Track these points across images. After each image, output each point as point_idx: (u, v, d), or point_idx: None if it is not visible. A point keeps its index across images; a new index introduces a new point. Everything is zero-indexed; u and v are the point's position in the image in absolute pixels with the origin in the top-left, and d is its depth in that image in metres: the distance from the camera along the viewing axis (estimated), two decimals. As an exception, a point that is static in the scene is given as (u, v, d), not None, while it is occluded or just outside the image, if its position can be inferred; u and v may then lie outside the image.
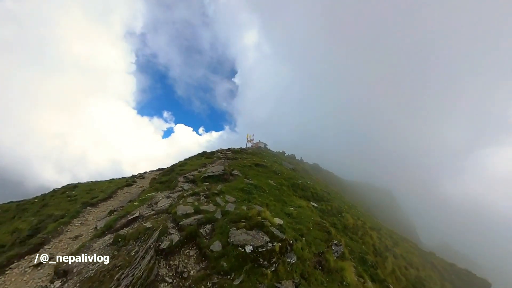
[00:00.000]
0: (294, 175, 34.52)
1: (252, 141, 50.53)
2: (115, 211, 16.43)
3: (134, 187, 24.83)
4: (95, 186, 31.30)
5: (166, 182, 17.75)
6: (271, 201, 17.46)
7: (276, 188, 22.63)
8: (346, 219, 29.68)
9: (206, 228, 9.74)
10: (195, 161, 28.74)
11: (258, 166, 29.13)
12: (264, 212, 12.02)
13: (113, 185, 28.79)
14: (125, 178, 32.60)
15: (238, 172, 22.18)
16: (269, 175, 26.91)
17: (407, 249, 40.03)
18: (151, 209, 12.30)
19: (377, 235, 34.22)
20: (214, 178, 17.33)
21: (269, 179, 25.14)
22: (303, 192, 29.80)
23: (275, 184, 23.89)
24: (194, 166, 24.34)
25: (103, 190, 28.09)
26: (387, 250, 28.99)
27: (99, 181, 35.30)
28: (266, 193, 19.20)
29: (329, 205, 31.80)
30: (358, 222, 33.26)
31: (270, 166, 31.21)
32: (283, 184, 25.47)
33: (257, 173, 25.55)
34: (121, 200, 20.07)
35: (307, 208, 22.61)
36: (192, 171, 21.09)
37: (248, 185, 18.09)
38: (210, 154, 32.71)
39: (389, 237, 39.50)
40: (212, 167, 20.62)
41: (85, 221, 15.98)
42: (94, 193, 27.73)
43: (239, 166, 26.00)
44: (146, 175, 31.87)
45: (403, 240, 47.51)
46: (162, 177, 20.00)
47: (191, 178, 17.63)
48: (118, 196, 22.02)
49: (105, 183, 32.71)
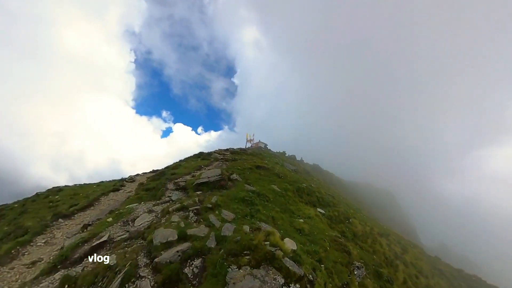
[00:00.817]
0: (297, 178, 31.57)
1: (252, 141, 47.54)
2: (89, 226, 13.34)
3: (121, 193, 21.69)
4: (81, 190, 28.07)
5: (153, 189, 14.69)
6: (278, 212, 14.48)
7: (280, 195, 19.64)
8: (355, 226, 27.33)
9: (193, 266, 6.69)
10: (190, 163, 25.65)
11: (260, 169, 26.11)
12: (273, 235, 8.99)
13: (100, 190, 25.63)
14: (114, 181, 29.43)
15: (237, 177, 19.14)
16: (272, 179, 23.90)
17: (416, 256, 37.47)
18: (125, 230, 9.24)
19: (386, 241, 32.04)
20: (209, 185, 14.26)
21: (272, 184, 22.14)
22: (309, 197, 26.95)
23: (280, 189, 20.91)
24: (188, 169, 21.27)
25: (88, 195, 24.92)
26: (397, 258, 27.10)
27: (88, 184, 32.08)
28: (271, 202, 16.21)
29: (335, 210, 29.32)
30: (366, 228, 31.00)
31: (272, 169, 28.21)
32: (288, 189, 22.49)
33: (259, 177, 22.52)
34: (102, 210, 16.94)
35: (316, 217, 19.70)
36: (184, 175, 18.04)
37: (249, 193, 15.05)
38: (207, 155, 29.63)
39: (398, 242, 36.94)
40: (208, 171, 17.57)
41: (52, 238, 12.85)
42: (78, 199, 24.55)
43: (238, 169, 22.96)
44: (138, 178, 28.72)
45: (410, 245, 44.76)
46: (150, 183, 16.92)
47: (182, 184, 14.58)
48: (100, 203, 18.88)
49: (92, 186, 29.51)
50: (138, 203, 12.77)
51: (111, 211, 15.02)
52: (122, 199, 19.14)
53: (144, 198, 13.42)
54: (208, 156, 30.10)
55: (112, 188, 22.63)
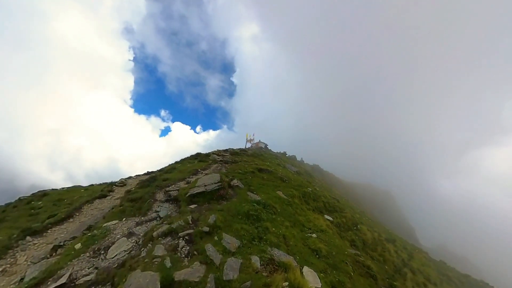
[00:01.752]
0: (301, 181, 29.19)
1: (252, 141, 44.95)
2: (59, 248, 10.78)
3: (108, 200, 19.09)
4: (67, 195, 25.40)
5: (139, 200, 12.13)
6: (288, 228, 12.05)
7: (287, 203, 17.20)
8: (363, 233, 25.55)
9: None
10: (186, 166, 23.07)
11: (262, 172, 23.65)
12: (292, 271, 6.57)
13: (87, 195, 23.01)
14: (104, 184, 26.75)
15: (238, 183, 16.64)
16: (276, 184, 21.45)
17: (422, 262, 35.60)
18: (93, 266, 6.70)
19: (393, 248, 30.38)
20: (206, 195, 11.71)
21: (277, 189, 19.71)
22: (315, 202, 24.66)
23: (286, 196, 18.49)
24: (183, 173, 18.71)
25: (72, 201, 22.31)
26: (404, 265, 25.73)
27: (76, 187, 29.36)
28: (278, 213, 13.77)
29: (343, 216, 27.26)
30: (374, 234, 29.22)
31: (275, 171, 25.76)
32: (294, 196, 20.09)
33: (262, 182, 20.04)
34: (80, 223, 14.34)
35: (328, 228, 17.37)
36: (178, 181, 15.50)
37: (254, 204, 12.56)
38: (205, 157, 27.08)
39: (404, 248, 35.03)
40: (205, 176, 15.05)
41: (12, 265, 10.23)
42: (60, 206, 21.91)
43: (239, 173, 20.47)
44: (129, 181, 26.08)
45: (415, 250, 42.86)
46: (137, 191, 14.34)
47: (173, 194, 12.04)
48: (82, 214, 16.27)
49: (80, 190, 26.85)
50: (119, 220, 10.22)
51: (89, 226, 12.45)
52: (106, 208, 16.57)
53: (128, 212, 10.88)
54: (206, 157, 27.54)
55: (99, 194, 20.01)
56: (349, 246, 17.03)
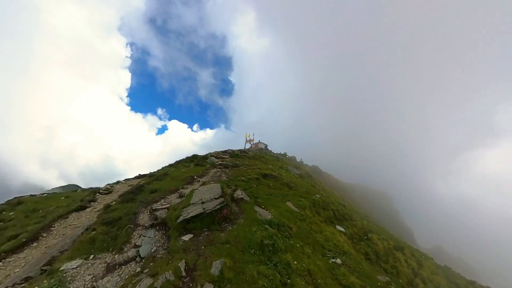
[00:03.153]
0: (307, 186, 26.57)
1: (251, 142, 41.98)
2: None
3: (86, 213, 15.92)
4: (44, 205, 21.94)
5: (117, 223, 9.15)
6: (310, 256, 9.28)
7: (300, 217, 14.46)
8: (375, 244, 23.59)
9: None
10: (180, 171, 20.03)
11: (267, 178, 20.86)
12: None
13: (65, 205, 19.78)
14: (87, 191, 23.44)
15: (243, 194, 13.78)
16: (283, 192, 18.69)
17: (431, 269, 33.54)
18: None
19: (403, 257, 28.27)
20: (205, 219, 8.75)
21: (285, 199, 16.98)
22: (325, 211, 22.18)
23: (297, 208, 15.78)
24: (176, 181, 15.71)
25: (47, 213, 19.00)
26: (415, 275, 24.14)
27: (56, 194, 25.92)
28: (295, 235, 11.01)
29: (353, 225, 25.09)
30: (384, 244, 27.09)
31: (280, 177, 23.00)
32: (305, 207, 17.41)
33: (269, 191, 17.23)
34: (47, 248, 11.24)
35: (347, 246, 14.80)
36: (169, 194, 12.54)
37: (266, 227, 9.74)
38: (202, 160, 24.04)
39: (412, 255, 32.91)
40: (203, 188, 12.10)
41: None
42: (32, 219, 18.51)
43: (242, 181, 17.61)
44: (117, 188, 22.90)
45: (422, 257, 40.77)
46: (117, 207, 11.29)
47: (161, 216, 9.12)
48: (51, 234, 13.11)
49: (59, 198, 23.43)
50: (85, 257, 7.25)
51: (51, 259, 9.39)
52: (82, 226, 13.46)
53: (99, 244, 7.92)
54: (204, 160, 24.52)
55: (77, 206, 16.83)
56: (378, 273, 14.46)
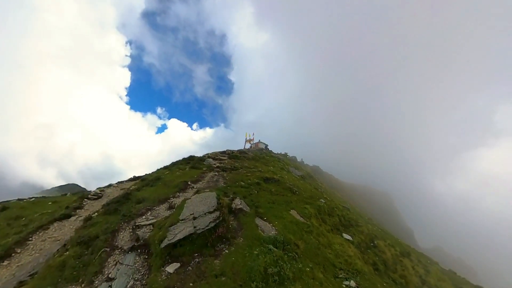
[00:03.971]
0: (311, 190, 25.07)
1: (251, 142, 40.35)
2: None
3: (70, 222, 14.39)
4: (28, 211, 20.34)
5: (93, 243, 7.63)
6: (322, 283, 7.82)
7: (307, 229, 12.97)
8: (383, 252, 22.71)
9: None
10: (174, 174, 18.47)
11: (269, 182, 19.34)
12: None
13: (52, 210, 18.29)
14: (76, 195, 21.89)
15: (242, 204, 12.27)
16: (286, 198, 17.18)
17: (438, 276, 32.49)
18: None
19: (410, 263, 27.31)
20: (196, 241, 7.16)
21: (290, 207, 15.48)
22: (331, 218, 20.77)
23: (302, 218, 14.30)
24: (168, 187, 14.17)
25: (31, 221, 17.49)
26: (423, 283, 23.66)
27: (44, 198, 24.34)
28: (303, 254, 9.54)
29: (359, 231, 23.92)
30: (391, 251, 26.07)
31: (282, 180, 21.47)
32: (310, 215, 15.92)
33: (271, 198, 15.71)
34: (18, 268, 9.74)
35: (360, 261, 13.34)
36: (157, 204, 11.02)
37: (270, 248, 8.26)
38: (199, 162, 22.47)
39: (418, 261, 31.81)
40: (196, 198, 10.56)
41: None
42: (15, 227, 17.00)
43: (242, 186, 16.08)
44: (108, 192, 21.37)
45: (428, 262, 39.60)
46: (97, 221, 9.78)
47: (144, 236, 7.58)
48: (26, 250, 11.60)
49: (46, 203, 21.87)
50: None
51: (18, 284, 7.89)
52: (64, 237, 11.96)
53: (68, 271, 6.44)
54: (200, 162, 22.94)
55: (61, 214, 15.30)
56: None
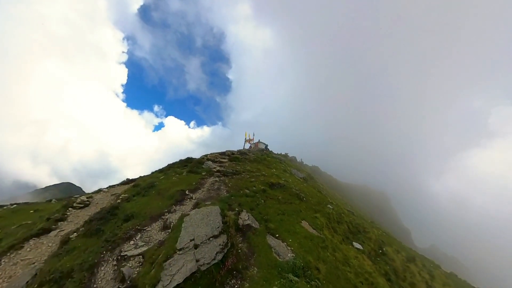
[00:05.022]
0: (316, 195, 23.51)
1: (251, 142, 38.61)
2: None
3: (50, 238, 12.44)
4: (7, 221, 18.13)
5: (64, 283, 5.80)
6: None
7: (322, 245, 11.43)
8: (392, 259, 22.30)
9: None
10: (170, 180, 16.60)
11: (274, 188, 17.69)
12: None
13: (31, 222, 16.18)
14: (60, 203, 19.75)
15: (250, 219, 10.56)
16: (295, 207, 15.57)
17: (443, 280, 31.80)
18: None
19: (416, 269, 26.44)
20: (200, 283, 5.32)
21: (300, 217, 13.91)
22: (340, 226, 19.36)
23: (316, 231, 12.73)
24: (162, 198, 12.33)
25: (4, 237, 15.34)
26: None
27: (26, 205, 22.11)
28: (325, 279, 7.95)
29: (367, 237, 22.78)
30: (399, 257, 25.16)
31: (287, 185, 19.82)
32: (322, 226, 14.38)
33: (280, 208, 14.06)
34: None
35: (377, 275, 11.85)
36: (148, 225, 9.22)
37: (289, 278, 6.63)
38: (197, 165, 20.58)
39: (423, 266, 30.84)
40: (196, 214, 8.83)
41: None
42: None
43: (247, 196, 14.36)
44: (97, 198, 19.34)
45: (431, 265, 38.76)
46: (75, 244, 7.95)
47: (131, 275, 5.79)
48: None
49: (27, 212, 19.68)
50: None
51: None
52: (38, 261, 10.02)
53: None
54: (199, 165, 21.07)
55: (41, 228, 13.31)
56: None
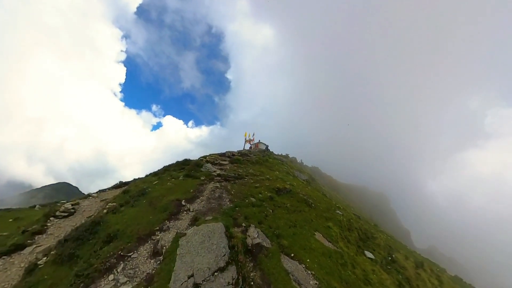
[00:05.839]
0: (323, 199, 21.92)
1: (251, 142, 37.01)
2: None
3: (23, 256, 10.61)
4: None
5: None
6: None
7: (341, 261, 9.90)
8: (403, 267, 19.61)
9: None
10: (165, 186, 14.83)
11: (281, 194, 16.09)
12: None
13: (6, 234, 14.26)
14: (42, 211, 17.77)
15: (260, 236, 8.92)
16: (306, 216, 14.00)
17: (451, 285, 30.70)
18: None
19: (425, 274, 25.31)
20: None
21: (313, 228, 12.41)
22: (351, 233, 17.95)
23: (331, 244, 11.18)
24: (153, 214, 10.54)
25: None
26: None
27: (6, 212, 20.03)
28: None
29: (376, 244, 21.80)
30: (410, 264, 23.92)
31: (293, 189, 18.25)
32: (337, 237, 12.88)
33: (291, 219, 12.47)
34: None
35: None
36: (134, 249, 7.52)
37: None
38: (195, 169, 18.79)
39: (431, 271, 29.55)
40: (194, 239, 7.20)
41: None
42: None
43: (253, 205, 12.71)
44: (84, 205, 17.48)
45: (437, 269, 37.64)
46: (41, 276, 6.20)
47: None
48: None
49: (6, 220, 17.68)
50: None
51: None
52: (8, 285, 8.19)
53: None
54: (197, 169, 19.27)
55: (13, 244, 11.51)
56: None
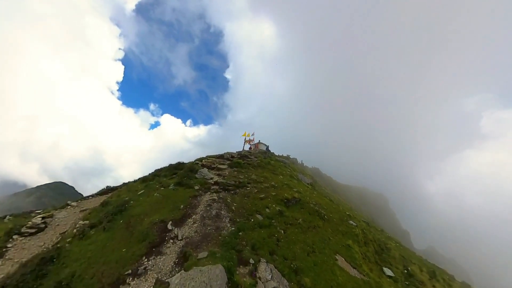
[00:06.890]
0: (332, 206, 19.79)
1: (251, 142, 34.89)
2: None
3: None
4: None
5: None
6: None
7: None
8: (420, 281, 17.77)
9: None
10: (151, 198, 12.53)
11: (290, 205, 13.97)
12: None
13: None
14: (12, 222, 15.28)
15: (275, 277, 6.88)
16: (322, 234, 11.94)
17: None
18: None
19: (439, 285, 23.86)
20: None
21: (332, 249, 10.39)
22: (367, 248, 15.95)
23: (356, 270, 9.17)
24: (129, 243, 8.29)
25: None
26: None
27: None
28: None
29: (391, 257, 20.44)
30: (423, 274, 22.84)
31: (303, 198, 16.10)
32: (360, 260, 10.81)
33: (306, 240, 10.42)
34: None
35: None
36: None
37: None
38: (189, 174, 16.17)
39: (443, 280, 28.04)
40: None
41: None
42: None
43: (261, 226, 10.51)
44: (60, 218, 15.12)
45: (447, 277, 36.10)
46: None
47: None
48: None
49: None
50: None
51: None
52: None
53: None
54: (191, 175, 16.37)
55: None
56: None
